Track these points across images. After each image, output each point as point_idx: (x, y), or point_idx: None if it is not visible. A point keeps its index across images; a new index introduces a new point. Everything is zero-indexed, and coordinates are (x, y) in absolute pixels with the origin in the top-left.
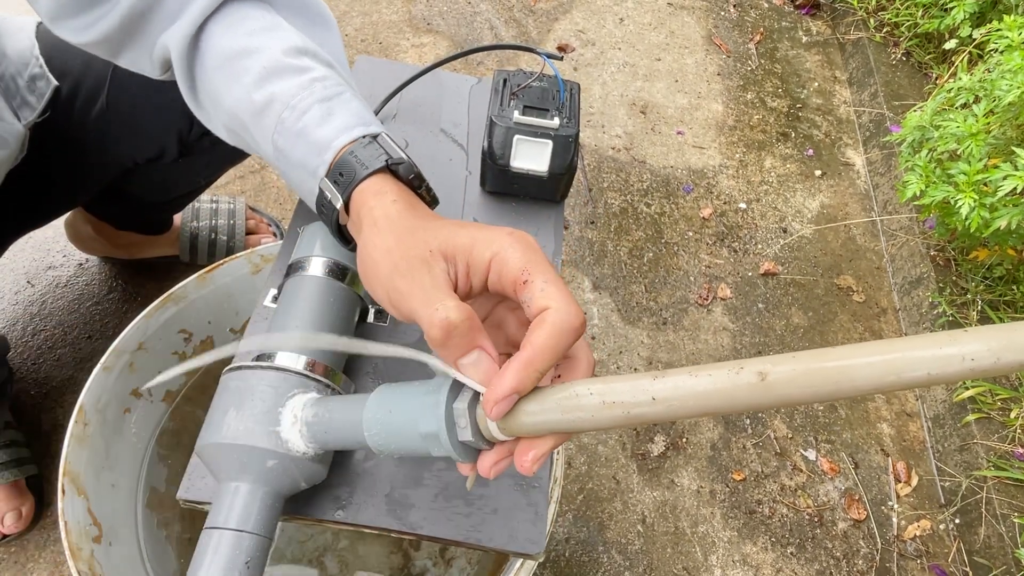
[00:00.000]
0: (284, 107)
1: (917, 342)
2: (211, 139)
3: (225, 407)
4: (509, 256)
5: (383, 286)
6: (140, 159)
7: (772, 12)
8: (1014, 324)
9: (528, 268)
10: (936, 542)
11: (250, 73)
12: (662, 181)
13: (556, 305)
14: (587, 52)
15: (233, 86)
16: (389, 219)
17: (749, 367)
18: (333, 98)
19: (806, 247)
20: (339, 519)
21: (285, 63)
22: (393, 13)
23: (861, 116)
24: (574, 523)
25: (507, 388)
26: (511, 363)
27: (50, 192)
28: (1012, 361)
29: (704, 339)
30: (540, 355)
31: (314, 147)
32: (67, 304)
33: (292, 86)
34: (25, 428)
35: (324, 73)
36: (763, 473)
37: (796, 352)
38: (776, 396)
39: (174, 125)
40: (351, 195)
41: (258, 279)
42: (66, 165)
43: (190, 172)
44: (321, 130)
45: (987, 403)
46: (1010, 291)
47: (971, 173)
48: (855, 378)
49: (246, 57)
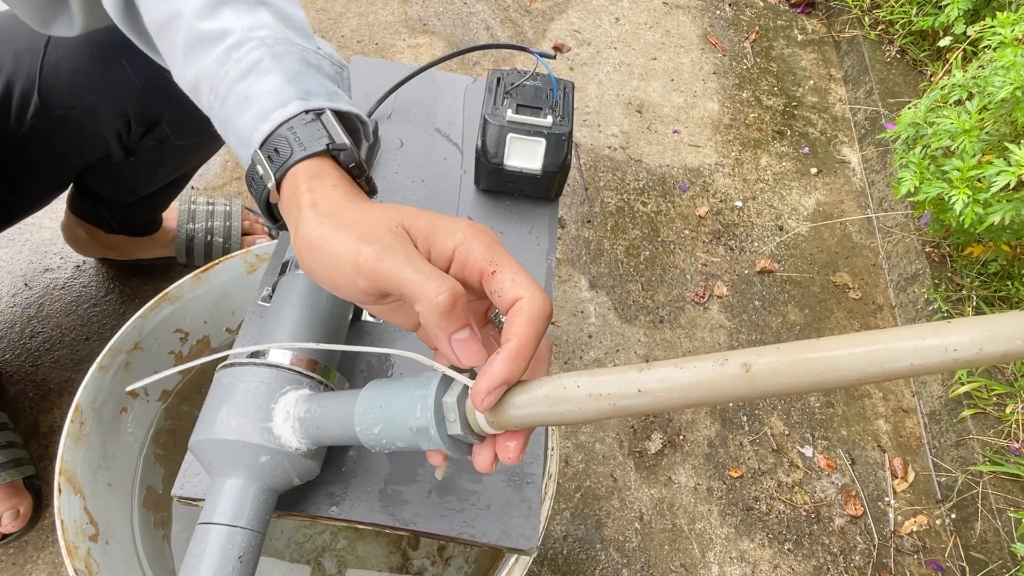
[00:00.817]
0: (209, 91)
1: (900, 333)
2: (155, 137)
3: (218, 403)
4: (474, 247)
5: (349, 259)
6: (88, 160)
7: (767, 11)
8: (996, 315)
9: (495, 260)
10: (933, 537)
11: (176, 46)
12: (658, 180)
13: (529, 294)
14: (583, 52)
15: (171, 57)
16: (331, 202)
17: (734, 359)
18: (248, 73)
19: (802, 245)
20: (333, 515)
21: (200, 31)
22: (389, 14)
23: (856, 114)
24: (572, 521)
25: (497, 379)
26: (499, 354)
27: (8, 195)
28: (995, 352)
29: (701, 337)
30: (526, 344)
31: (240, 139)
32: (64, 306)
33: (210, 62)
34: (23, 429)
35: (240, 37)
36: (760, 470)
37: (780, 343)
38: (761, 387)
39: (110, 126)
40: (285, 175)
41: (254, 278)
42: (13, 168)
43: (144, 170)
44: (241, 120)
45: (983, 398)
46: (1005, 287)
47: (965, 169)
48: (839, 369)
49: (171, 26)
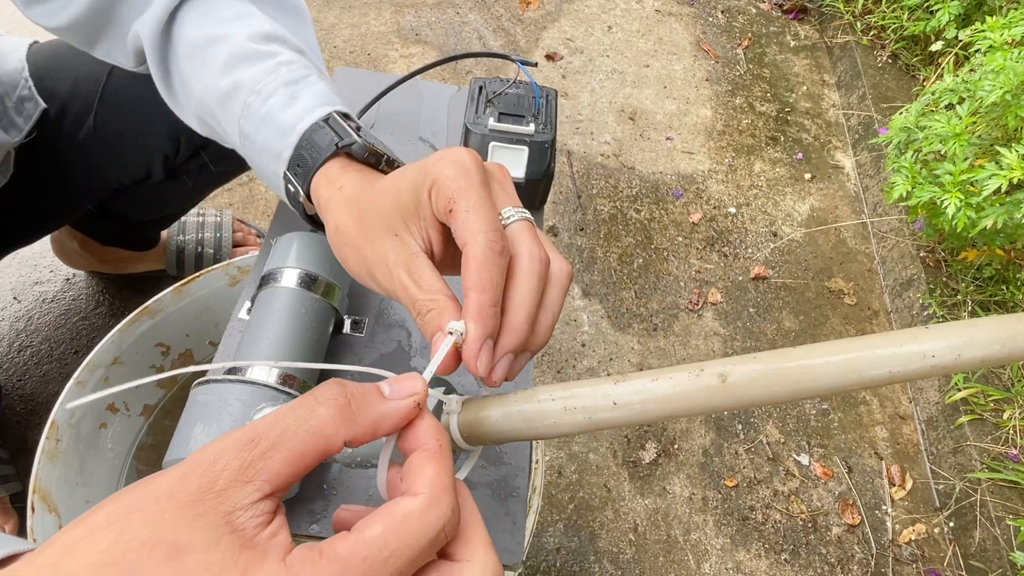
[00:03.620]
0: (250, 92)
1: (878, 340)
2: (197, 163)
3: (193, 421)
4: (441, 186)
5: (363, 268)
6: (126, 181)
7: (760, 17)
8: (974, 320)
9: (454, 196)
10: (931, 546)
11: (218, 60)
12: (651, 187)
13: (473, 237)
14: (575, 60)
15: (202, 74)
16: (343, 204)
17: (709, 369)
18: (299, 81)
19: (796, 250)
20: (313, 533)
21: (252, 49)
22: (382, 24)
23: (850, 119)
24: (565, 532)
25: (474, 344)
26: (466, 317)
27: (36, 212)
28: (973, 358)
29: (695, 344)
30: (480, 292)
31: (278, 130)
32: (54, 319)
33: (257, 71)
34: (10, 446)
35: (291, 57)
36: (756, 479)
37: (758, 352)
38: (738, 397)
39: (160, 149)
40: (310, 186)
41: (236, 291)
42: (52, 186)
43: (177, 193)
44: (285, 113)
45: (980, 404)
46: (1000, 291)
47: (956, 173)
48: (816, 377)
49: (214, 45)
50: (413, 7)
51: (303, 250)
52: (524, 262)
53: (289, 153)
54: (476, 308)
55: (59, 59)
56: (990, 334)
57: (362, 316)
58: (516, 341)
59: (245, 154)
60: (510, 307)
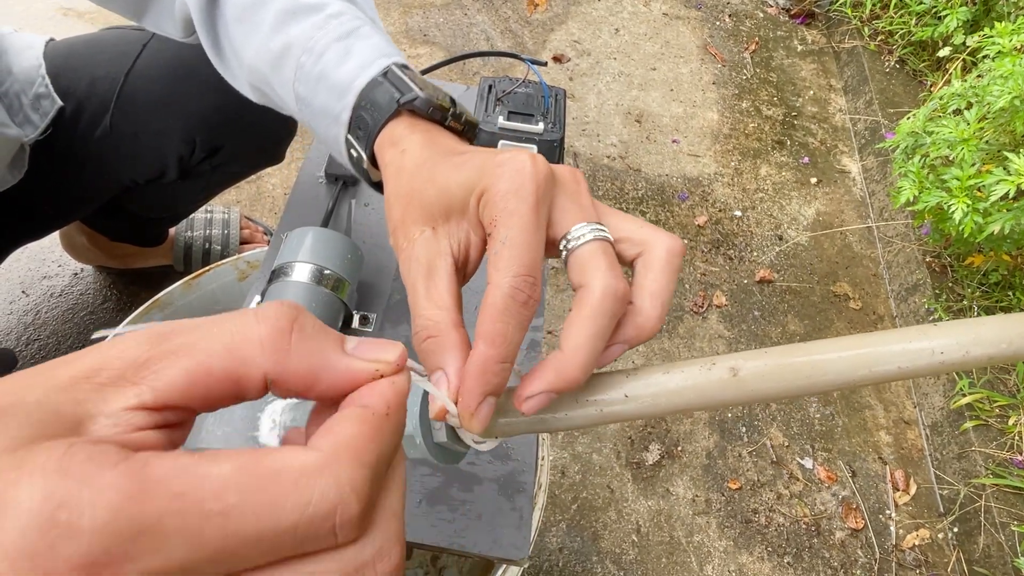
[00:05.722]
0: (302, 51)
1: (888, 337)
2: (211, 163)
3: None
4: (489, 199)
5: (396, 249)
6: (140, 180)
7: (767, 22)
8: (982, 319)
9: (497, 217)
10: (935, 551)
11: (267, 20)
12: (657, 189)
13: (498, 278)
14: (583, 62)
15: (252, 37)
16: (396, 175)
17: (721, 363)
18: (351, 34)
19: (802, 254)
20: None
21: (299, 2)
22: (390, 25)
23: (856, 124)
24: (567, 533)
25: (473, 398)
26: (469, 368)
27: (48, 208)
28: (980, 355)
29: (699, 347)
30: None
31: (335, 91)
32: (61, 314)
33: (307, 27)
34: None
35: (340, 8)
36: (759, 482)
37: (768, 347)
38: (749, 391)
39: (176, 149)
40: (372, 150)
41: (245, 285)
42: (66, 183)
43: (189, 193)
44: (340, 71)
45: (985, 410)
46: (1007, 297)
47: (964, 178)
48: (827, 372)
49: (262, 5)
50: (421, 8)
51: (314, 245)
52: (595, 298)
53: (348, 115)
54: (479, 363)
55: (76, 58)
56: (999, 332)
57: (371, 311)
58: (563, 388)
59: (304, 120)
60: (567, 349)
